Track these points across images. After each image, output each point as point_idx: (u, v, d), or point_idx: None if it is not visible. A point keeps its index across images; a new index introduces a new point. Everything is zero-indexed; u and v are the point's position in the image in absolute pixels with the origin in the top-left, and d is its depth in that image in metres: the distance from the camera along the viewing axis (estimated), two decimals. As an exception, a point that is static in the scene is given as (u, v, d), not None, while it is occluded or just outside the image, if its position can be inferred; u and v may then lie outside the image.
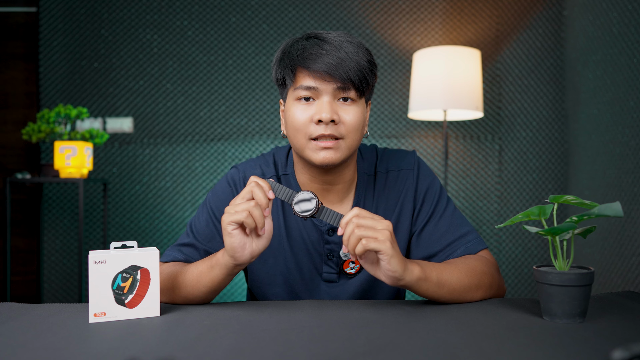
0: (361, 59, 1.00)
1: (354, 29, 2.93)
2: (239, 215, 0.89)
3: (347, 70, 0.98)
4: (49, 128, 2.49)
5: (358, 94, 1.02)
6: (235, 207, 0.90)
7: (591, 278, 0.83)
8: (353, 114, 1.01)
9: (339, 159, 1.02)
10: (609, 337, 0.76)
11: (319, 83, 1.00)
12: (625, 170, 2.12)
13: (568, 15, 2.80)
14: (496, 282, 1.04)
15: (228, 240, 0.91)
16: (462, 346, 0.73)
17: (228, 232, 0.90)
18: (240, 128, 2.94)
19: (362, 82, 1.01)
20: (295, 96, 1.03)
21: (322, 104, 1.00)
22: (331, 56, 0.98)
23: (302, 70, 1.01)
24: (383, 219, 0.89)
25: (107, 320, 0.88)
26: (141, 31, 2.95)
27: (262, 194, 0.91)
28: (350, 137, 1.02)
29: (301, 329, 0.81)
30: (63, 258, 2.95)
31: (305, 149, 1.02)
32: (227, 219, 0.90)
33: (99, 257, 0.88)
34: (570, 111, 2.78)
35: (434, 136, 2.92)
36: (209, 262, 0.98)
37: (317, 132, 1.00)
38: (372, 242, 0.85)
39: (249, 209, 0.89)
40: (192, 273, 0.99)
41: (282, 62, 1.05)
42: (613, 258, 2.21)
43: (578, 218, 0.83)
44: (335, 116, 0.99)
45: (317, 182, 1.10)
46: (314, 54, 0.99)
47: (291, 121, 1.03)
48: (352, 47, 1.00)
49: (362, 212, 0.89)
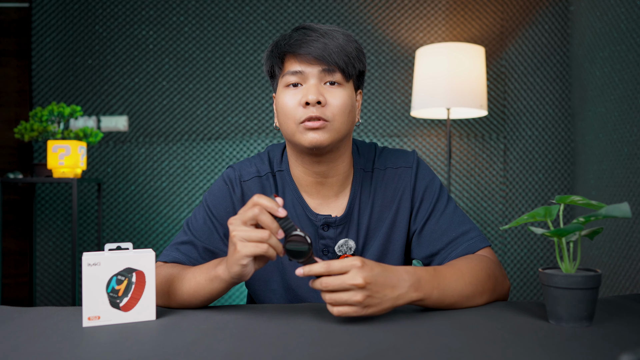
0: (347, 45, 1.05)
1: (354, 25, 2.93)
2: (258, 249, 0.85)
3: (332, 53, 1.02)
4: (41, 127, 2.49)
5: (344, 77, 1.06)
6: (248, 234, 0.85)
7: (598, 281, 0.82)
8: (339, 96, 1.04)
9: (327, 140, 1.03)
10: (617, 342, 0.76)
11: (305, 66, 1.04)
12: (633, 170, 2.13)
13: (575, 10, 2.80)
14: (499, 283, 1.03)
15: (238, 269, 0.88)
16: (466, 351, 0.72)
17: (242, 265, 0.87)
18: (238, 127, 2.93)
19: (348, 66, 1.05)
20: (284, 83, 1.06)
21: (309, 86, 1.03)
22: (316, 41, 1.03)
23: (289, 56, 1.06)
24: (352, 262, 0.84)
25: (101, 324, 0.87)
26: (136, 27, 2.94)
27: (271, 220, 0.86)
28: (338, 120, 1.04)
29: (301, 333, 0.81)
30: (56, 260, 2.93)
31: (295, 132, 1.04)
32: (244, 251, 0.85)
33: (93, 259, 0.87)
34: (577, 109, 2.79)
35: (437, 135, 2.91)
36: (207, 274, 0.95)
37: (305, 114, 1.02)
38: (346, 309, 0.84)
39: (268, 242, 0.85)
40: (190, 283, 0.97)
41: (272, 53, 1.09)
42: (621, 260, 2.23)
43: (585, 219, 0.82)
44: (321, 97, 1.02)
45: (311, 175, 1.11)
46: (300, 40, 1.04)
47: (281, 107, 1.06)
48: (338, 34, 1.05)
49: (330, 269, 0.84)
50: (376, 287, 0.84)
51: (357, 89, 1.12)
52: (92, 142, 2.60)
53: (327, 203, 1.13)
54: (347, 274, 0.83)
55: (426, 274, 0.91)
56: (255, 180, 1.14)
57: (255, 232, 0.85)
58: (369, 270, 0.84)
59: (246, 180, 1.14)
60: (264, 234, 0.85)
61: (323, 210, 1.13)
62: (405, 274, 0.88)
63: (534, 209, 0.91)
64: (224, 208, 1.12)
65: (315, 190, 1.12)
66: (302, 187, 1.13)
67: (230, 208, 1.12)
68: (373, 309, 0.84)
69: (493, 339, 0.77)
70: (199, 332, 0.82)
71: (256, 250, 0.85)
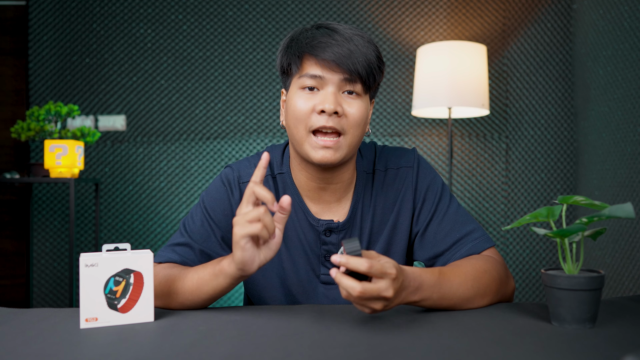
0: (370, 53, 1.00)
1: (355, 23, 2.92)
2: (252, 228, 0.84)
3: (356, 63, 0.98)
4: (38, 126, 2.48)
5: (364, 89, 1.02)
6: (245, 217, 0.85)
7: (601, 282, 0.82)
8: (357, 108, 1.01)
9: (338, 159, 1.01)
10: (620, 343, 0.75)
11: (326, 72, 0.99)
12: (637, 170, 2.14)
13: (577, 8, 2.80)
14: (504, 284, 1.02)
15: (240, 253, 0.87)
16: (467, 352, 0.72)
17: (241, 246, 0.86)
18: (237, 126, 2.92)
19: (369, 77, 1.01)
20: (300, 85, 1.02)
21: (327, 94, 0.99)
22: (341, 46, 0.98)
23: (309, 57, 1.01)
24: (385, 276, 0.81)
25: (98, 325, 0.87)
26: (134, 25, 2.93)
27: (265, 192, 0.85)
28: (352, 133, 1.01)
29: (301, 335, 0.81)
30: (53, 261, 2.92)
31: (305, 143, 1.01)
32: (240, 232, 0.85)
33: (91, 260, 0.86)
34: (579, 108, 2.79)
35: (439, 134, 2.90)
36: (211, 269, 0.94)
37: (318, 123, 0.98)
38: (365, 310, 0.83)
39: (261, 218, 0.84)
40: (192, 280, 0.96)
41: (289, 48, 1.04)
42: (624, 261, 2.23)
43: (588, 219, 0.82)
44: (339, 108, 0.98)
45: (314, 181, 1.09)
46: (323, 42, 0.99)
47: (292, 110, 1.02)
48: (362, 40, 1.01)
49: (364, 293, 0.80)
50: (396, 295, 0.83)
51: (371, 98, 1.09)
52: (89, 142, 2.60)
53: (329, 208, 1.11)
54: (381, 283, 0.80)
55: (430, 278, 0.90)
56: None
57: (251, 212, 0.84)
58: (398, 282, 0.82)
59: (245, 181, 1.11)
60: (258, 212, 0.84)
61: (325, 215, 1.11)
62: (412, 275, 0.87)
63: (537, 210, 0.90)
64: (221, 210, 1.10)
65: (318, 196, 1.10)
66: (304, 191, 1.11)
67: (228, 210, 1.10)
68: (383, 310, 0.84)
69: (495, 340, 0.77)
70: (198, 333, 0.82)
71: (250, 229, 0.83)
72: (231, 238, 1.10)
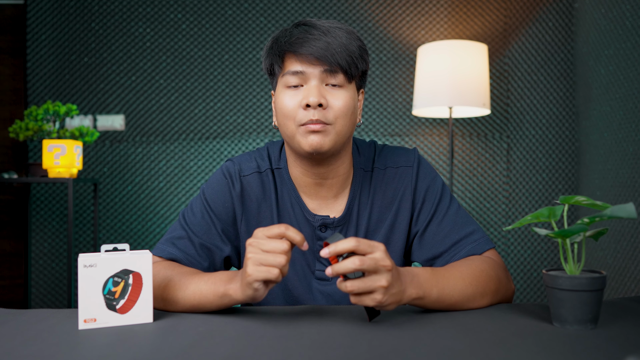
0: (350, 44, 1.02)
1: (355, 22, 2.92)
2: (269, 275, 0.83)
3: (334, 54, 1.00)
4: (36, 126, 2.48)
5: (347, 79, 1.03)
6: (264, 257, 0.83)
7: (603, 282, 0.82)
8: (342, 98, 1.02)
9: (328, 144, 1.01)
10: (622, 344, 0.76)
11: (306, 67, 1.01)
12: (639, 170, 2.16)
13: (579, 7, 2.80)
14: (503, 285, 1.01)
15: (250, 293, 0.86)
16: (468, 353, 0.72)
17: (254, 288, 0.85)
18: (236, 126, 2.92)
19: (351, 66, 1.02)
20: (284, 83, 1.04)
21: (310, 88, 1.01)
22: (318, 40, 1.00)
23: (290, 55, 1.03)
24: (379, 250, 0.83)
25: (97, 326, 0.87)
26: (133, 24, 2.93)
27: (296, 233, 0.85)
28: (339, 123, 1.02)
29: (300, 336, 0.81)
30: (52, 262, 2.91)
31: (296, 134, 1.02)
32: (255, 274, 0.83)
33: (89, 261, 0.87)
34: (581, 108, 2.78)
35: (439, 134, 2.90)
36: (214, 289, 0.92)
37: (305, 117, 1.00)
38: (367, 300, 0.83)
39: (281, 267, 0.83)
40: (194, 294, 0.94)
41: (272, 50, 1.06)
42: (626, 262, 2.23)
43: (589, 220, 0.82)
44: (322, 100, 0.99)
45: (309, 176, 1.09)
46: (301, 38, 1.01)
47: (280, 108, 1.04)
48: (340, 32, 1.02)
49: (359, 247, 0.82)
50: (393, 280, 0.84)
51: (359, 88, 1.10)
52: (88, 142, 2.60)
53: (325, 204, 1.12)
54: (376, 253, 0.82)
55: (424, 271, 0.91)
56: (255, 175, 1.12)
57: (271, 254, 0.83)
58: (390, 259, 0.83)
59: (246, 175, 1.12)
60: (280, 259, 0.82)
61: (321, 211, 1.12)
62: (404, 269, 0.89)
63: (538, 210, 0.90)
64: (222, 203, 1.10)
65: (314, 191, 1.11)
66: (300, 187, 1.11)
67: (229, 203, 1.11)
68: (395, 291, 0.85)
69: (496, 341, 0.77)
70: (197, 334, 0.82)
71: (268, 275, 0.82)
72: (231, 231, 1.11)
